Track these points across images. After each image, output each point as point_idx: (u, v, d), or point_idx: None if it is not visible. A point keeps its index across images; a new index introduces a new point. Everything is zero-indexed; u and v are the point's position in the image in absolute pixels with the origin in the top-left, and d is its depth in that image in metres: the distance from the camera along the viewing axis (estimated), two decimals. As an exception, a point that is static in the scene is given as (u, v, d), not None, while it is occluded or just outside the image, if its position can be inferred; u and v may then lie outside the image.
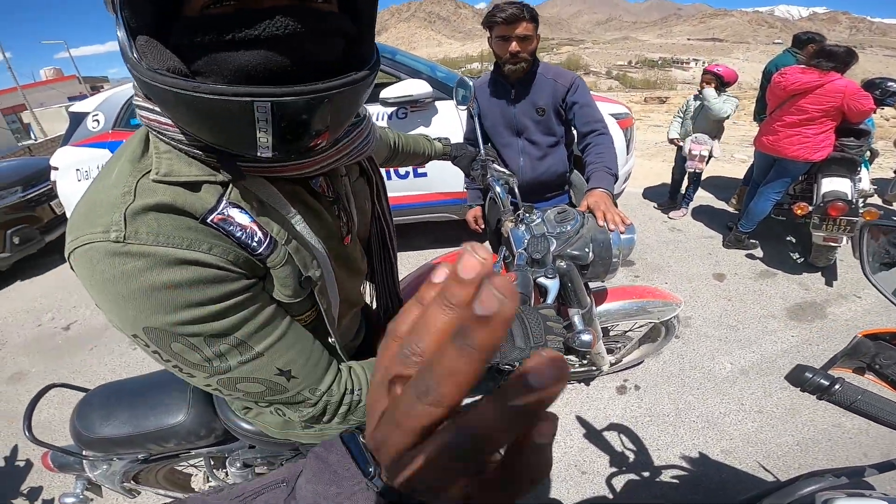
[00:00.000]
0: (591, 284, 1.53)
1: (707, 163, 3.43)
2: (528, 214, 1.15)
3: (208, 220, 0.50)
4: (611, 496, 1.64)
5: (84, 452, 1.09)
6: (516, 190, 1.29)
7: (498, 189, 1.27)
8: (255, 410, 0.84)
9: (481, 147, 1.36)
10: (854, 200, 2.71)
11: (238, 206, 0.52)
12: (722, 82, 3.33)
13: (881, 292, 0.67)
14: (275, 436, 0.87)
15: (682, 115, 3.62)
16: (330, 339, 0.69)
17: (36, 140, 18.14)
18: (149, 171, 0.50)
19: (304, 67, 0.44)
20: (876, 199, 3.98)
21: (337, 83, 0.45)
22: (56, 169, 3.17)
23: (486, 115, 1.79)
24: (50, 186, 3.73)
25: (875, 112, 3.05)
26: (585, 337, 0.98)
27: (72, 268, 0.50)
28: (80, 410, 1.06)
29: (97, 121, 3.09)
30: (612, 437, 1.88)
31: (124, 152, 0.53)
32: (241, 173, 0.51)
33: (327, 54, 0.47)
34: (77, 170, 3.08)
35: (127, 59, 0.44)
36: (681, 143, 3.56)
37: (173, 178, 0.50)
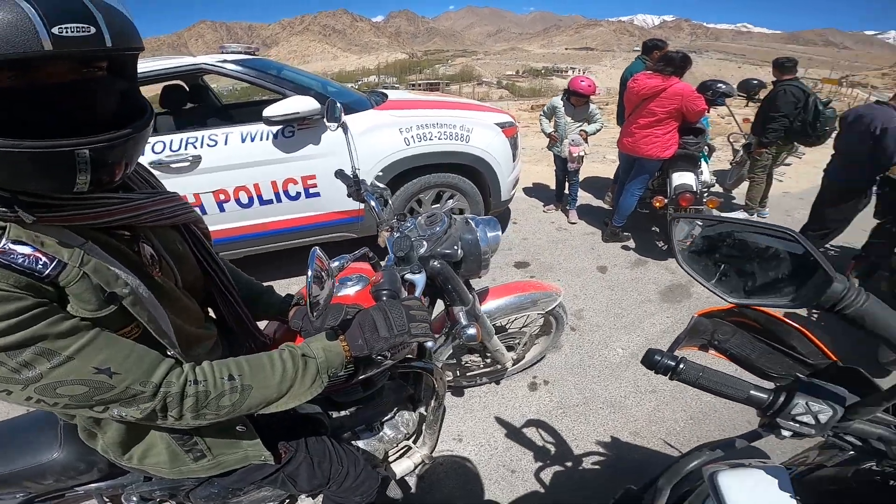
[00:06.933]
0: (476, 286, 1.59)
1: (582, 161, 3.77)
2: (402, 223, 1.20)
3: None
4: (542, 491, 1.68)
5: None
6: (390, 202, 1.33)
7: (373, 202, 1.30)
8: (141, 449, 0.81)
9: (355, 163, 1.37)
10: (698, 191, 3.19)
11: (19, 242, 0.56)
12: (588, 98, 3.64)
13: (692, 276, 0.72)
14: (167, 476, 0.86)
15: (547, 115, 3.88)
16: (169, 353, 0.71)
17: None
18: None
19: (97, 121, 0.57)
20: (718, 189, 4.73)
21: (122, 133, 0.57)
22: None
23: None
24: None
25: (709, 112, 3.62)
26: (471, 331, 1.07)
27: None
28: None
29: None
30: (531, 433, 1.93)
31: None
32: (28, 219, 0.56)
33: (107, 109, 0.60)
34: None
35: None
36: (556, 136, 3.83)
37: None
